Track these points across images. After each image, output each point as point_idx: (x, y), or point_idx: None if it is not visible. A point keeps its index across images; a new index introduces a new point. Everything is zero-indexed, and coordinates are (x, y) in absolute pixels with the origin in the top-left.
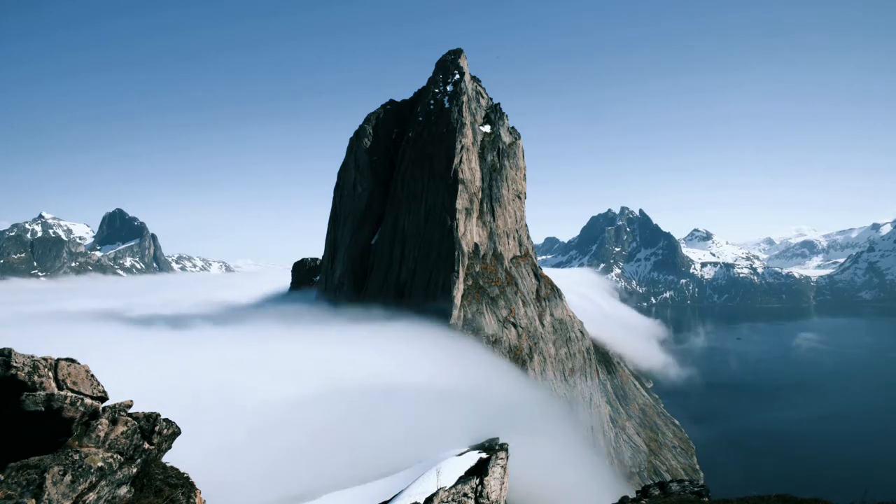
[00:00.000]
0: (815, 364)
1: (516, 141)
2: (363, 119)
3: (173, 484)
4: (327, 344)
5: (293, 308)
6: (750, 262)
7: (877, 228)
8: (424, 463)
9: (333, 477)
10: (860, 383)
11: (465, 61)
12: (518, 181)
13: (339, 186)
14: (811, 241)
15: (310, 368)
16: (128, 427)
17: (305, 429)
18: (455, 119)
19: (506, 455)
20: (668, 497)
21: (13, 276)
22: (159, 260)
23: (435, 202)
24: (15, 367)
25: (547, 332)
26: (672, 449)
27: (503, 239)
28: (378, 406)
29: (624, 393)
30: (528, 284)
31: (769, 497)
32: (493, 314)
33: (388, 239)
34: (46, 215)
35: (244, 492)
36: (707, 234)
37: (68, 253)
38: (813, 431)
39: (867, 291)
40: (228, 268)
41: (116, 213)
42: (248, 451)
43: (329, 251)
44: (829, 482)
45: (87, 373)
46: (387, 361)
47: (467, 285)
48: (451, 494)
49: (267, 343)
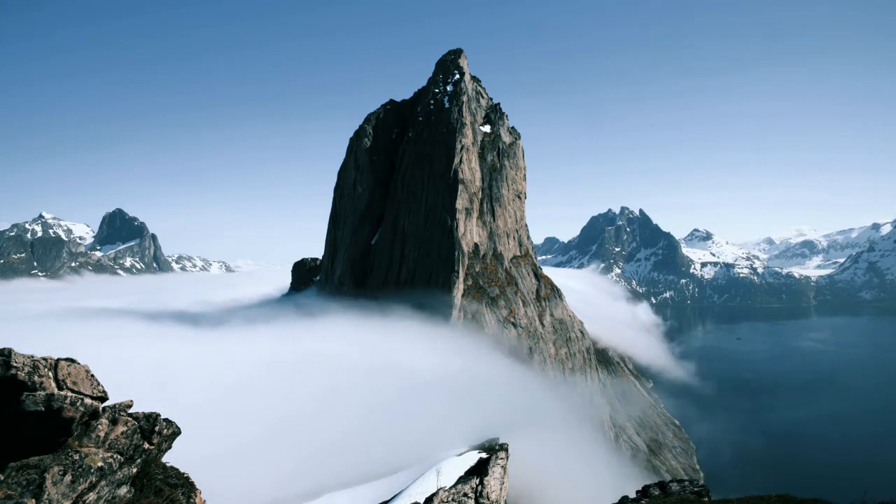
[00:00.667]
0: (815, 364)
1: (516, 141)
2: (363, 119)
3: (173, 484)
4: (327, 344)
5: (293, 308)
6: (750, 262)
7: (877, 228)
8: (424, 463)
9: (334, 477)
10: (860, 383)
11: (465, 61)
12: (518, 181)
13: (339, 186)
14: (811, 241)
15: (309, 369)
16: (128, 427)
17: (305, 429)
18: (455, 119)
19: (506, 455)
20: (668, 497)
21: (13, 276)
22: (159, 260)
23: (435, 202)
24: (15, 367)
25: (547, 332)
26: (672, 449)
27: (503, 239)
28: (377, 406)
29: (624, 393)
30: (528, 284)
31: (769, 497)
32: (493, 314)
33: (388, 239)
34: (46, 215)
35: (244, 492)
36: (707, 234)
37: (68, 253)
38: (813, 431)
39: (867, 291)
40: (228, 268)
41: (116, 213)
42: (247, 452)
43: (329, 251)
44: (829, 482)
45: (86, 373)
46: (386, 361)
47: (467, 285)
48: (451, 494)
49: (266, 343)
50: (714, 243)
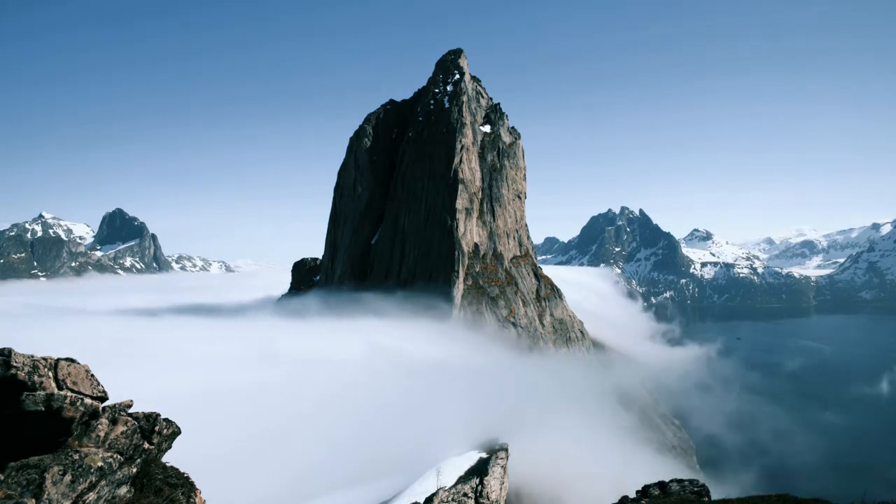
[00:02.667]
0: (815, 364)
1: (516, 141)
2: (363, 119)
3: (173, 484)
4: (326, 344)
5: (292, 308)
6: (750, 262)
7: (877, 228)
8: (424, 463)
9: (334, 477)
10: (860, 383)
11: (465, 61)
12: (518, 181)
13: (339, 186)
14: (811, 241)
15: (309, 369)
16: (128, 427)
17: (305, 429)
18: (455, 119)
19: (506, 455)
20: (668, 497)
21: (13, 277)
22: (159, 260)
23: (435, 202)
24: (15, 367)
25: (547, 331)
26: (672, 449)
27: (503, 239)
28: (377, 406)
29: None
30: (528, 284)
31: (769, 497)
32: (493, 314)
33: (388, 239)
34: (46, 215)
35: (244, 492)
36: (707, 234)
37: (68, 253)
38: (813, 431)
39: (867, 291)
40: (228, 268)
41: (116, 213)
42: (248, 452)
43: (329, 251)
44: (829, 482)
45: (86, 372)
46: (387, 361)
47: (467, 285)
48: (451, 494)
49: (265, 344)
50: (714, 243)
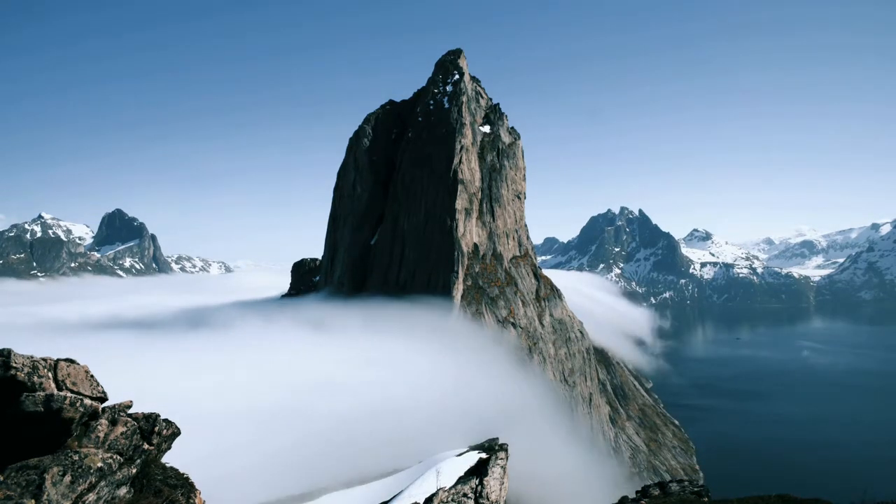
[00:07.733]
0: (814, 364)
1: (516, 141)
2: (363, 119)
3: (173, 484)
4: (325, 344)
5: (292, 307)
6: (749, 263)
7: (876, 228)
8: (424, 463)
9: (333, 477)
10: (860, 383)
11: (465, 62)
12: (518, 181)
13: (338, 187)
14: (811, 241)
15: (309, 369)
16: (127, 427)
17: (305, 429)
18: (455, 119)
19: (506, 455)
20: (667, 497)
21: (13, 277)
22: (159, 260)
23: (434, 202)
24: (14, 368)
25: (546, 332)
26: (672, 449)
27: (503, 239)
28: (377, 406)
29: (623, 393)
30: (527, 285)
31: (769, 497)
32: (492, 314)
33: (388, 239)
34: (46, 216)
35: (244, 492)
36: (707, 234)
37: (68, 253)
38: (813, 431)
39: (867, 291)
40: (228, 268)
41: (116, 214)
42: (248, 452)
43: (329, 251)
44: (829, 482)
45: (86, 373)
46: (386, 361)
47: (467, 285)
48: (451, 494)
49: (264, 344)
50: (714, 243)
